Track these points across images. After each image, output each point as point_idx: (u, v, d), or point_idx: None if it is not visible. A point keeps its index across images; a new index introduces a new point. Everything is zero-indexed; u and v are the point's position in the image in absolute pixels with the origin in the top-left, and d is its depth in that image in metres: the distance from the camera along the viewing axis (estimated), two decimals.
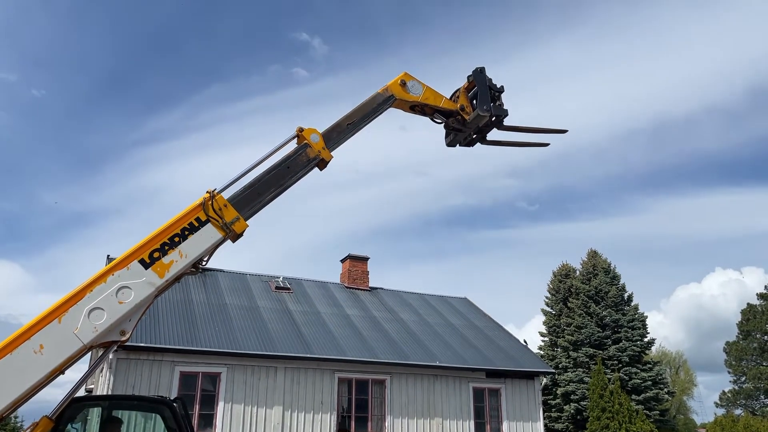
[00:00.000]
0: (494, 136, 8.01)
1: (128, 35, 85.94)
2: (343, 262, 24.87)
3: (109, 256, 17.35)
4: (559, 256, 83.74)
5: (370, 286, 24.27)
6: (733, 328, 41.99)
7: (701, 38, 73.83)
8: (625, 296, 33.19)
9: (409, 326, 21.24)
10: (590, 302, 32.54)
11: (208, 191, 5.83)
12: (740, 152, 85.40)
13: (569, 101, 76.58)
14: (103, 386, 15.13)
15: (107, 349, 5.40)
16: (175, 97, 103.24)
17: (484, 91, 7.57)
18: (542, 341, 35.19)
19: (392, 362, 18.10)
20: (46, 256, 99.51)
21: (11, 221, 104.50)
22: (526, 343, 26.47)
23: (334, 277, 24.83)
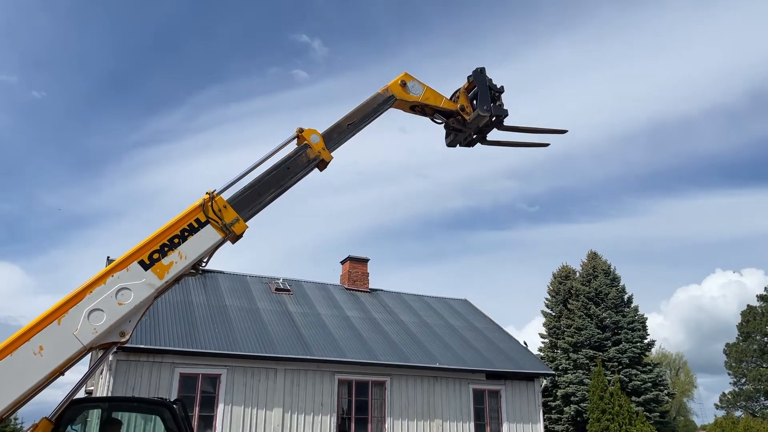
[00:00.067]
0: (494, 136, 8.04)
1: (128, 36, 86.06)
2: (343, 263, 24.86)
3: (109, 257, 17.35)
4: (559, 257, 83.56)
5: (370, 287, 24.25)
6: (733, 329, 42.00)
7: (701, 39, 73.92)
8: (625, 298, 33.16)
9: (409, 328, 21.22)
10: (590, 304, 32.52)
11: (207, 192, 5.82)
12: (740, 153, 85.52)
13: (569, 101, 76.64)
14: (102, 388, 15.12)
15: (107, 350, 5.39)
16: (175, 98, 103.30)
17: (484, 91, 7.58)
18: (542, 343, 35.13)
19: (392, 364, 18.09)
20: (46, 257, 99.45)
21: (11, 223, 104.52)
22: (526, 344, 26.41)
23: (334, 278, 24.87)
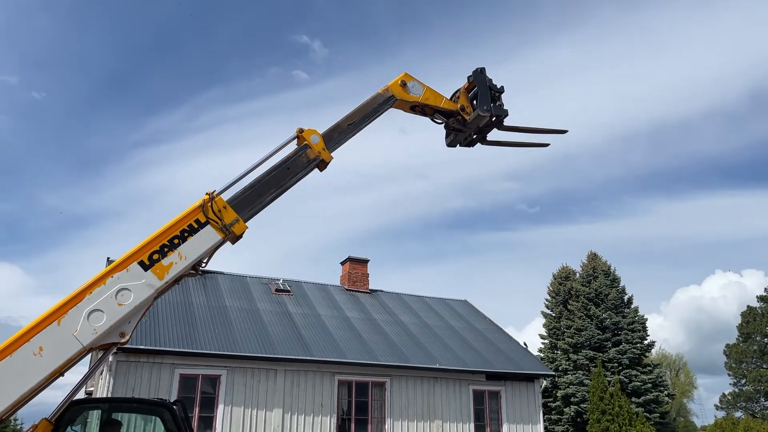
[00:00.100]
0: (494, 136, 8.04)
1: (128, 36, 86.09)
2: (343, 264, 24.85)
3: (109, 258, 17.33)
4: (559, 258, 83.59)
5: (370, 288, 24.24)
6: (733, 330, 42.04)
7: (701, 39, 74.01)
8: (625, 299, 33.13)
9: (409, 328, 21.21)
10: (590, 305, 32.49)
11: (207, 193, 5.81)
12: (740, 154, 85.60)
13: (569, 101, 76.74)
14: (102, 388, 15.10)
15: (107, 351, 5.38)
16: (175, 98, 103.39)
17: (484, 91, 7.59)
18: (542, 344, 35.10)
19: (392, 365, 18.07)
20: (46, 258, 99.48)
21: (11, 223, 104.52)
22: (526, 345, 26.38)
23: (334, 279, 24.85)
